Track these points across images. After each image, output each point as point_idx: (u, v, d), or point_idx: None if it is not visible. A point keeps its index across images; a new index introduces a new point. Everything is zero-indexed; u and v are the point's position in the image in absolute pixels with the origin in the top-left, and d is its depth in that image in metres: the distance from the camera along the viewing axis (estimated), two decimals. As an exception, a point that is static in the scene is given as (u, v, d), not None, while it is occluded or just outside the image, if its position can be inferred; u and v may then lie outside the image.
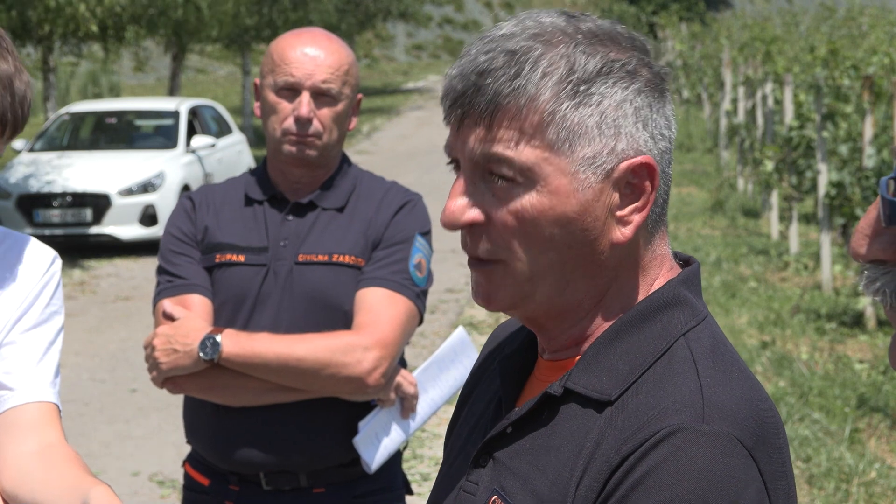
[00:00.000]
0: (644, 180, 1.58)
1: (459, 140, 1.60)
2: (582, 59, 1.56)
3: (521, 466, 1.59)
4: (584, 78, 1.55)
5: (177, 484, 7.16)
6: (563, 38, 1.57)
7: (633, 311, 1.60)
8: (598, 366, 1.58)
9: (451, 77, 1.59)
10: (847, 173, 11.09)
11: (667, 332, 1.58)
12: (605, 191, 1.57)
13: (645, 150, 1.58)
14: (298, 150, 3.14)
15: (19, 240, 2.35)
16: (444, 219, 1.60)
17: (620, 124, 1.56)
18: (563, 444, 1.57)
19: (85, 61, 33.69)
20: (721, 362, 1.57)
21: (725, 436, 1.49)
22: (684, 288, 1.62)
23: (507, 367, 1.71)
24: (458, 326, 3.49)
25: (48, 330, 2.32)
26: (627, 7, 63.17)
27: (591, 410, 1.56)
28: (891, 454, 7.25)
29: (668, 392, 1.53)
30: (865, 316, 10.32)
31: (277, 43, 3.19)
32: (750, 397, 1.55)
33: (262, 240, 3.18)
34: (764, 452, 1.52)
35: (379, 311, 3.09)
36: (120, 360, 10.24)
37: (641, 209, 1.58)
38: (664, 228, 1.64)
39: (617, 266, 1.60)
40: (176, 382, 3.12)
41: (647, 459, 1.49)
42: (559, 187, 1.56)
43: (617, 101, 1.56)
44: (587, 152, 1.56)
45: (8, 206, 15.35)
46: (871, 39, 26.47)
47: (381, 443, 3.18)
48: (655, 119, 1.59)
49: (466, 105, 1.57)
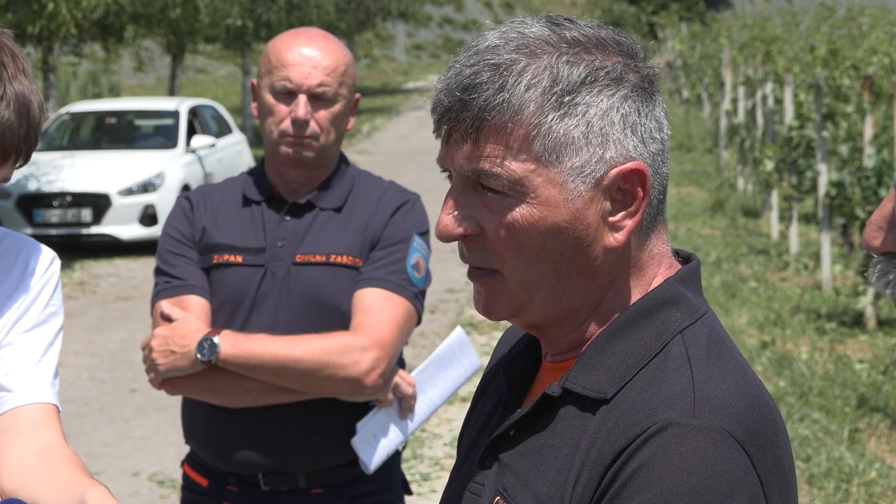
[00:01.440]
0: (636, 186, 1.58)
1: (449, 155, 1.61)
2: (565, 69, 1.56)
3: (523, 467, 1.60)
4: (568, 88, 1.56)
5: (177, 484, 7.16)
6: (546, 49, 1.57)
7: (630, 310, 1.61)
8: (596, 365, 1.59)
9: (438, 91, 1.60)
10: (847, 173, 11.08)
11: (664, 331, 1.59)
12: (595, 198, 1.58)
13: (635, 155, 1.58)
14: (295, 151, 3.13)
15: (18, 240, 2.35)
16: (438, 232, 1.62)
17: (608, 132, 1.57)
18: (561, 444, 1.58)
19: (85, 61, 33.69)
20: (716, 358, 1.58)
21: (716, 429, 1.50)
22: (682, 286, 1.63)
23: (512, 370, 1.72)
24: (457, 327, 3.48)
25: (47, 331, 2.32)
26: (627, 7, 63.11)
27: (588, 410, 1.58)
28: (891, 454, 7.25)
29: (661, 389, 1.54)
30: (865, 316, 10.32)
31: (274, 44, 3.19)
32: (744, 392, 1.55)
33: (259, 240, 3.18)
34: (758, 447, 1.52)
35: (376, 312, 3.09)
36: (120, 360, 10.24)
37: (634, 214, 1.59)
38: (661, 227, 1.64)
39: (613, 270, 1.61)
40: (174, 384, 3.11)
41: (638, 455, 1.50)
42: (549, 198, 1.57)
43: (603, 110, 1.57)
44: (575, 162, 1.56)
45: (8, 206, 15.35)
46: (871, 39, 26.47)
47: (379, 443, 3.18)
48: (644, 123, 1.59)
49: (453, 121, 1.58)
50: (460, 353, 3.35)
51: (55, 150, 16.66)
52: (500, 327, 10.86)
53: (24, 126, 2.15)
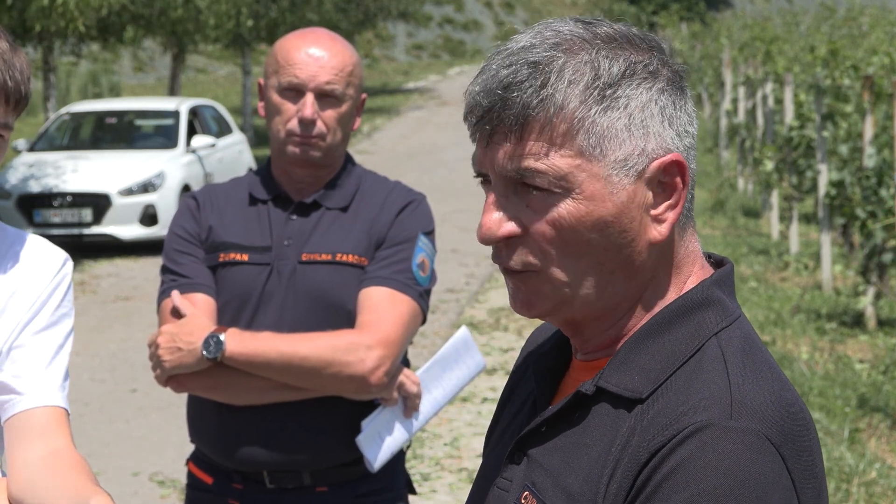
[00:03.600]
0: (675, 177, 1.60)
1: (489, 156, 1.60)
2: (605, 63, 1.57)
3: (554, 463, 1.61)
4: (609, 82, 1.57)
5: (177, 484, 7.16)
6: (583, 45, 1.58)
7: (666, 310, 1.62)
8: (630, 365, 1.60)
9: (475, 93, 1.60)
10: (847, 173, 11.09)
11: (699, 332, 1.60)
12: (638, 191, 1.59)
13: (673, 147, 1.60)
14: (302, 151, 3.14)
15: (31, 241, 2.35)
16: (482, 234, 1.61)
17: (648, 124, 1.58)
18: (594, 442, 1.58)
19: (85, 61, 33.68)
20: (752, 361, 1.59)
21: (753, 432, 1.50)
22: (717, 288, 1.64)
23: (542, 367, 1.72)
24: (462, 326, 3.49)
25: (58, 333, 2.32)
26: (628, 7, 63.13)
27: (623, 409, 1.58)
28: (891, 454, 7.26)
29: (698, 389, 1.55)
30: (865, 316, 10.32)
31: (282, 43, 3.19)
32: (780, 396, 1.56)
33: (265, 239, 3.19)
34: (793, 450, 1.53)
35: (382, 311, 3.10)
36: (120, 360, 10.24)
37: (675, 206, 1.60)
38: (692, 225, 1.66)
39: (655, 265, 1.62)
40: (179, 381, 3.12)
41: (674, 455, 1.50)
42: (594, 192, 1.57)
43: (643, 102, 1.58)
44: (619, 155, 1.57)
45: (8, 206, 15.35)
46: (871, 39, 26.46)
47: (383, 442, 3.18)
48: (679, 116, 1.61)
49: (495, 120, 1.58)
50: (465, 353, 3.36)
51: (55, 151, 16.66)
52: (501, 327, 10.86)
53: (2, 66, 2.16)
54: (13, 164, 16.24)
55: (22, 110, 2.24)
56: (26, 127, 26.84)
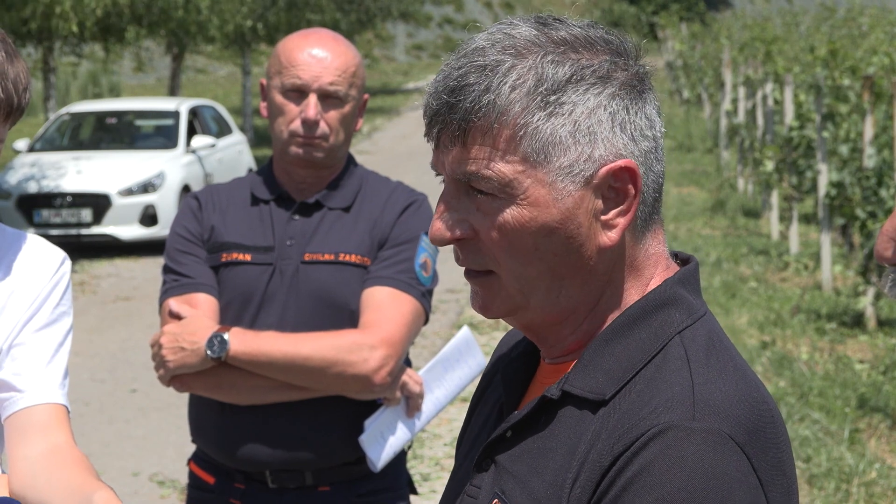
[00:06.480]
0: (626, 184, 1.58)
1: (440, 159, 1.61)
2: (550, 68, 1.56)
3: (521, 469, 1.60)
4: (553, 88, 1.56)
5: (177, 484, 7.16)
6: (531, 49, 1.57)
7: (628, 311, 1.61)
8: (594, 367, 1.59)
9: (429, 94, 1.60)
10: (847, 173, 11.09)
11: (662, 332, 1.59)
12: (586, 197, 1.57)
13: (625, 153, 1.58)
14: (305, 151, 3.15)
15: (29, 241, 2.37)
16: (432, 236, 1.62)
17: (595, 130, 1.57)
18: (559, 446, 1.58)
19: (85, 61, 33.68)
20: (716, 360, 1.58)
21: (716, 432, 1.50)
22: (681, 287, 1.63)
23: (509, 372, 1.72)
24: (464, 326, 3.49)
25: (57, 331, 2.33)
26: (627, 7, 63.11)
27: (587, 412, 1.57)
28: (891, 454, 7.26)
29: (660, 390, 1.54)
30: (865, 316, 10.32)
31: (284, 44, 3.20)
32: (744, 394, 1.55)
33: (268, 239, 3.19)
34: (758, 449, 1.52)
35: (385, 310, 3.10)
36: (120, 360, 10.24)
37: (626, 212, 1.59)
38: (658, 227, 1.64)
39: (609, 270, 1.61)
40: (183, 381, 3.13)
41: (637, 459, 1.50)
42: (539, 198, 1.57)
43: (590, 108, 1.56)
44: (563, 161, 1.56)
45: (8, 207, 15.35)
46: (871, 39, 26.44)
47: (386, 441, 3.19)
48: (634, 121, 1.59)
49: (441, 124, 1.58)
50: (467, 353, 3.36)
51: (55, 151, 16.66)
52: (501, 327, 10.87)
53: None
54: (13, 164, 16.25)
55: (16, 121, 2.23)
56: (26, 127, 26.85)
